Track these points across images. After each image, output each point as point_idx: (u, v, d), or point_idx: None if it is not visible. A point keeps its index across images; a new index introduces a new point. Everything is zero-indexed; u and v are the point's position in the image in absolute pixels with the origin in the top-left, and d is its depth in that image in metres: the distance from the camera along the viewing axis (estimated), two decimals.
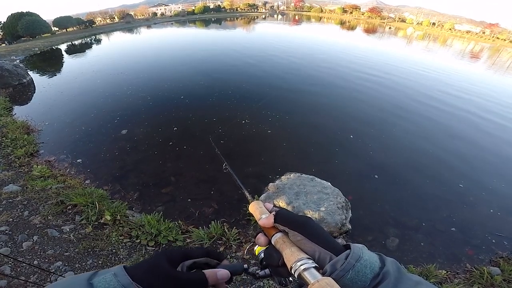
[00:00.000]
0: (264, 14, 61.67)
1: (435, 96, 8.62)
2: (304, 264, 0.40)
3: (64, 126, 5.79)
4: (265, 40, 19.61)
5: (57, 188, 3.63)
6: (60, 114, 6.50)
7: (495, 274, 2.72)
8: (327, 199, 3.39)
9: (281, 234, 0.48)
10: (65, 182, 3.84)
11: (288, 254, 0.44)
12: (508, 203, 4.00)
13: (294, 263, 0.41)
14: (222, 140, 5.19)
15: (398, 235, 3.37)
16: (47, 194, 3.51)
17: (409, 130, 6.06)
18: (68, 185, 3.78)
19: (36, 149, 4.76)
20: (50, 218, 3.13)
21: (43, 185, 3.67)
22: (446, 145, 5.57)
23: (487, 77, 14.07)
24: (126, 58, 13.15)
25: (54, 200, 3.36)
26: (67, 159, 4.57)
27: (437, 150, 5.35)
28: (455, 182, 4.41)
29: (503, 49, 34.87)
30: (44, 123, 5.89)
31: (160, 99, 7.24)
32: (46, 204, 3.32)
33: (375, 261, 0.40)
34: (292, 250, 0.44)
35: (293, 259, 0.42)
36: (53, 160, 4.52)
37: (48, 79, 10.00)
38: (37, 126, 5.72)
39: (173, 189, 3.94)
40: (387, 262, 0.40)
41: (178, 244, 2.85)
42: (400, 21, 60.50)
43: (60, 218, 3.15)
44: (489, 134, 6.29)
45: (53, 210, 3.21)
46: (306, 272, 0.39)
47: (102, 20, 39.58)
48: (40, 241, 2.79)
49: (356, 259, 0.38)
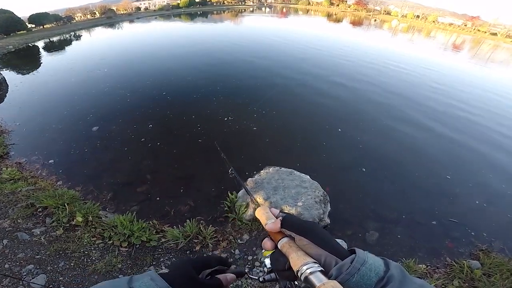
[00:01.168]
0: (252, 7, 61.01)
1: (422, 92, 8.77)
2: (310, 268, 0.41)
3: (37, 126, 5.57)
4: (263, 35, 19.21)
5: (27, 191, 3.51)
6: (33, 113, 6.25)
7: (475, 268, 2.72)
8: (305, 193, 3.38)
9: (288, 239, 0.49)
10: (36, 184, 3.71)
11: (294, 258, 0.45)
12: (493, 194, 4.06)
13: (301, 267, 0.42)
14: (200, 139, 5.06)
15: (378, 229, 3.36)
16: (17, 197, 3.39)
17: (395, 123, 6.11)
18: (39, 187, 3.65)
19: (6, 151, 4.56)
20: (20, 221, 3.04)
21: (12, 188, 3.55)
22: (430, 137, 5.65)
23: (467, 69, 14.43)
24: (107, 55, 12.67)
25: (24, 203, 3.25)
26: (38, 160, 4.39)
27: (422, 141, 5.42)
28: (442, 174, 4.44)
29: (483, 41, 35.83)
30: (15, 124, 5.64)
31: (140, 96, 7.04)
32: (16, 207, 3.21)
33: (379, 265, 0.41)
34: (299, 254, 0.45)
35: (300, 263, 0.43)
36: (24, 162, 4.34)
37: (22, 78, 9.60)
38: (8, 127, 5.48)
39: (148, 187, 3.85)
40: (391, 266, 0.41)
41: (152, 244, 2.79)
42: (385, 14, 61.15)
43: (30, 221, 3.06)
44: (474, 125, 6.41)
45: (23, 213, 3.11)
46: (312, 276, 0.40)
47: (82, 16, 38.19)
48: (10, 245, 2.70)
49: (361, 263, 0.40)
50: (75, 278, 2.40)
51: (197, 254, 2.75)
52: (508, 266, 2.72)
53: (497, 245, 3.20)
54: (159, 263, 2.63)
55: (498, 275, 2.62)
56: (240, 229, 3.09)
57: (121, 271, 2.51)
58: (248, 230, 3.08)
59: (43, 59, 13.11)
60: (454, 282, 2.60)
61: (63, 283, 2.35)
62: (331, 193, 3.59)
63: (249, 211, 3.23)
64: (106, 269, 2.49)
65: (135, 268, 2.56)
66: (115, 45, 16.16)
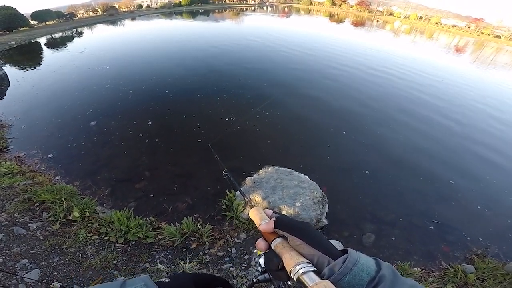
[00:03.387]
0: (253, 6, 60.96)
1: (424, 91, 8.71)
2: (303, 268, 0.41)
3: (37, 120, 5.58)
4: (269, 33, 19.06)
5: (25, 185, 3.50)
6: (33, 108, 6.26)
7: (469, 272, 2.71)
8: (303, 194, 3.37)
9: (281, 239, 0.50)
10: (34, 179, 3.71)
11: (287, 258, 0.45)
12: (496, 200, 4.04)
13: (294, 267, 0.43)
14: (199, 138, 5.01)
15: (375, 231, 3.35)
16: (14, 191, 3.38)
17: (401, 127, 6.06)
18: (37, 181, 3.64)
19: (5, 145, 4.57)
20: (16, 215, 3.02)
21: (10, 182, 3.54)
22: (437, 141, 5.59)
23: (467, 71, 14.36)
24: (109, 52, 12.67)
25: (21, 197, 3.24)
26: (37, 154, 4.39)
27: (429, 146, 5.37)
28: (446, 178, 4.40)
29: (486, 44, 35.68)
30: (15, 118, 5.65)
31: (142, 93, 7.03)
32: (13, 202, 3.19)
33: (371, 265, 0.41)
34: (292, 254, 0.45)
35: (293, 263, 0.43)
36: (22, 155, 4.34)
37: (23, 73, 9.59)
38: (8, 121, 5.49)
39: (146, 184, 3.84)
40: (383, 266, 0.41)
41: (148, 241, 2.78)
42: (388, 15, 60.94)
43: (27, 216, 3.05)
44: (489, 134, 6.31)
45: (20, 207, 3.10)
46: (305, 276, 0.41)
47: (85, 13, 38.19)
48: (6, 239, 2.69)
49: (353, 263, 0.40)
50: (69, 274, 2.39)
51: (193, 251, 2.73)
52: (502, 271, 2.71)
53: (493, 250, 3.18)
54: (154, 260, 2.62)
55: (491, 279, 2.61)
56: (237, 228, 3.08)
57: (116, 267, 2.50)
58: (245, 229, 3.06)
59: (44, 55, 13.10)
60: (447, 286, 2.59)
61: (56, 278, 2.33)
62: (329, 194, 3.57)
63: (246, 210, 3.21)
64: (101, 265, 2.47)
65: (131, 264, 2.54)
66: (118, 42, 16.12)
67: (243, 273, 2.55)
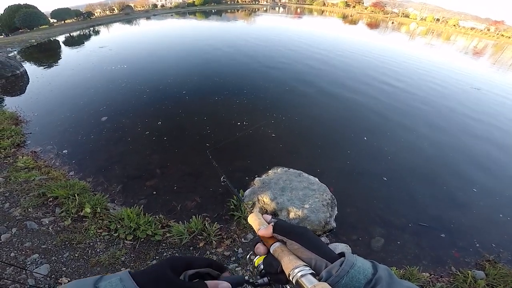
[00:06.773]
0: (266, 6, 61.00)
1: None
2: (302, 271, 0.43)
3: (53, 117, 5.72)
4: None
5: (40, 180, 3.59)
6: (50, 104, 6.44)
7: (479, 278, 2.64)
8: (312, 196, 3.32)
9: (280, 244, 0.51)
10: (49, 174, 3.80)
11: (286, 262, 0.46)
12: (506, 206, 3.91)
13: (292, 270, 0.44)
14: (208, 143, 4.92)
15: (384, 235, 3.27)
16: (30, 186, 3.47)
17: (415, 133, 5.88)
18: (51, 176, 3.73)
19: (23, 140, 4.71)
20: (30, 210, 3.10)
21: (26, 176, 3.63)
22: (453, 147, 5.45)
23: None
24: (127, 51, 12.89)
25: (35, 192, 3.32)
26: (53, 149, 4.51)
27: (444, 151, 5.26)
28: (470, 187, 4.29)
29: (507, 47, 34.44)
30: (33, 114, 5.83)
31: (157, 93, 7.06)
32: (28, 196, 3.28)
33: (368, 268, 0.42)
34: (290, 258, 0.46)
35: (291, 267, 0.44)
36: (39, 151, 4.47)
37: (42, 70, 9.89)
38: (26, 116, 5.66)
39: (157, 181, 3.87)
40: (379, 269, 0.42)
41: (157, 238, 2.80)
42: (403, 16, 59.75)
43: (40, 211, 3.12)
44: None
45: (34, 202, 3.17)
46: (303, 278, 0.41)
47: (102, 12, 39.18)
48: (19, 234, 2.77)
49: (350, 266, 0.41)
50: (77, 269, 2.43)
51: (200, 250, 2.74)
52: None
53: (505, 256, 3.09)
54: (162, 257, 2.64)
55: (502, 286, 2.54)
56: (244, 228, 3.06)
57: (124, 264, 2.53)
58: (252, 229, 3.03)
59: (63, 53, 13.49)
60: None
61: (65, 273, 2.38)
62: (339, 197, 3.53)
63: (254, 210, 3.19)
64: (109, 261, 2.51)
65: (138, 261, 2.57)
66: (135, 41, 16.31)
67: (249, 273, 2.54)
